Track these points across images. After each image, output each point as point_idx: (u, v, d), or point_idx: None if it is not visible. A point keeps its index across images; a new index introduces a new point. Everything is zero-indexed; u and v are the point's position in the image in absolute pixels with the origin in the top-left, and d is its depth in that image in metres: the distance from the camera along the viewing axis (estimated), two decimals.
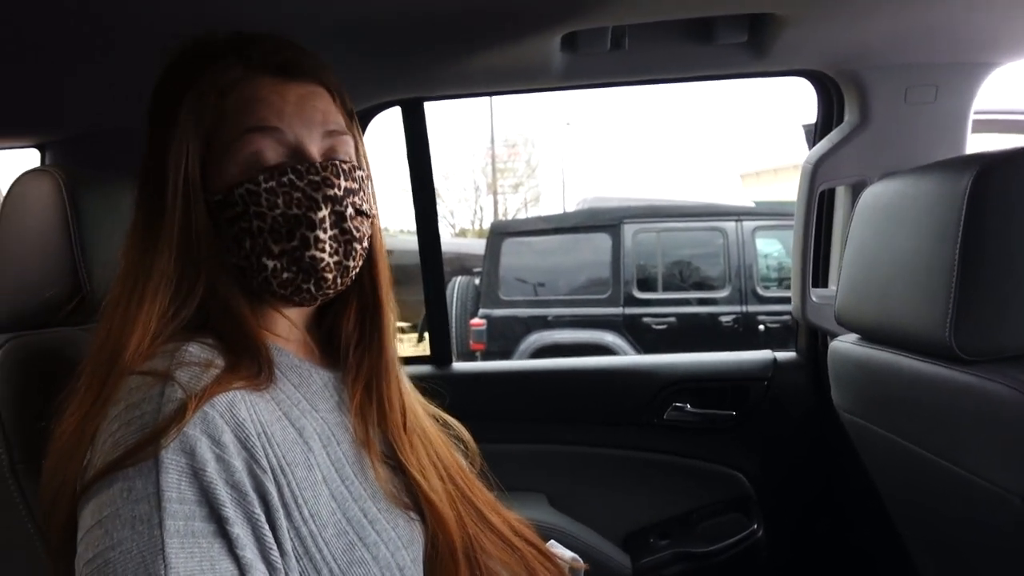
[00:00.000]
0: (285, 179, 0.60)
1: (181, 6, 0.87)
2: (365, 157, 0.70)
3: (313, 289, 0.63)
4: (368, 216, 0.66)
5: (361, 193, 0.64)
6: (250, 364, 0.58)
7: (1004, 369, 0.79)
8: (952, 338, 0.82)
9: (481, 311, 4.91)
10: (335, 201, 0.61)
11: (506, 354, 4.75)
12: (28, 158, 1.43)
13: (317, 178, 0.60)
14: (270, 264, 0.61)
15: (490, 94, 1.41)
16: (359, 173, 0.65)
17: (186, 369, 0.53)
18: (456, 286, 5.52)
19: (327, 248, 0.61)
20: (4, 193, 1.27)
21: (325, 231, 0.61)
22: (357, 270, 0.66)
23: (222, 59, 0.62)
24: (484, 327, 4.83)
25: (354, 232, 0.63)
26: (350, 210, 0.62)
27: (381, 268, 0.72)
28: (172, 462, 0.49)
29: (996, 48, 1.19)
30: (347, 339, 0.72)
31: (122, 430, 0.50)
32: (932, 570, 1.13)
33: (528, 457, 1.52)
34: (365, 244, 0.66)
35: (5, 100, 1.19)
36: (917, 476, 0.99)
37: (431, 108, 1.47)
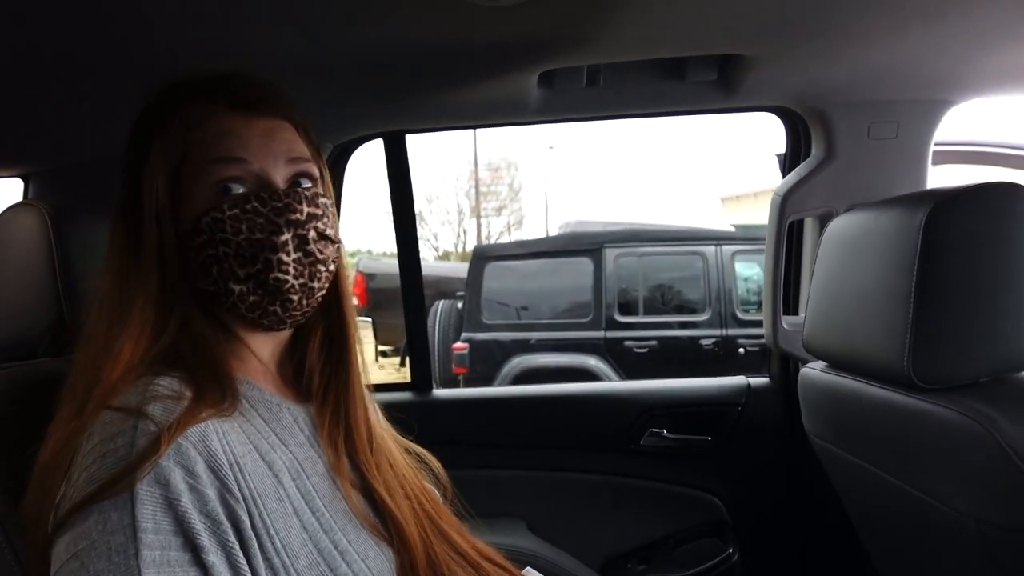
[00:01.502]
0: (249, 206, 0.62)
1: (164, 44, 0.89)
2: (329, 187, 0.73)
3: (280, 311, 0.64)
4: (332, 241, 0.68)
5: (324, 219, 0.66)
6: (215, 392, 0.60)
7: (958, 397, 0.83)
8: (910, 367, 0.85)
9: (464, 335, 4.90)
10: (297, 225, 0.63)
11: (488, 378, 4.74)
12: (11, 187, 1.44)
13: (280, 204, 0.63)
14: (237, 288, 0.63)
15: (469, 127, 1.45)
16: (322, 200, 0.67)
17: (158, 403, 0.55)
18: (439, 310, 5.51)
19: (291, 270, 0.63)
20: None
21: (288, 254, 0.63)
22: (323, 292, 0.68)
23: (192, 98, 0.65)
24: (467, 351, 4.83)
25: (317, 254, 0.65)
26: (312, 233, 0.64)
27: (345, 293, 0.75)
28: (147, 493, 0.50)
29: (954, 87, 1.25)
30: (312, 364, 0.74)
31: (96, 464, 0.51)
32: None
33: (507, 483, 1.53)
34: (331, 267, 0.68)
35: None
36: (882, 500, 1.02)
37: (415, 134, 1.50)
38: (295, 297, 0.64)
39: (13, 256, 0.80)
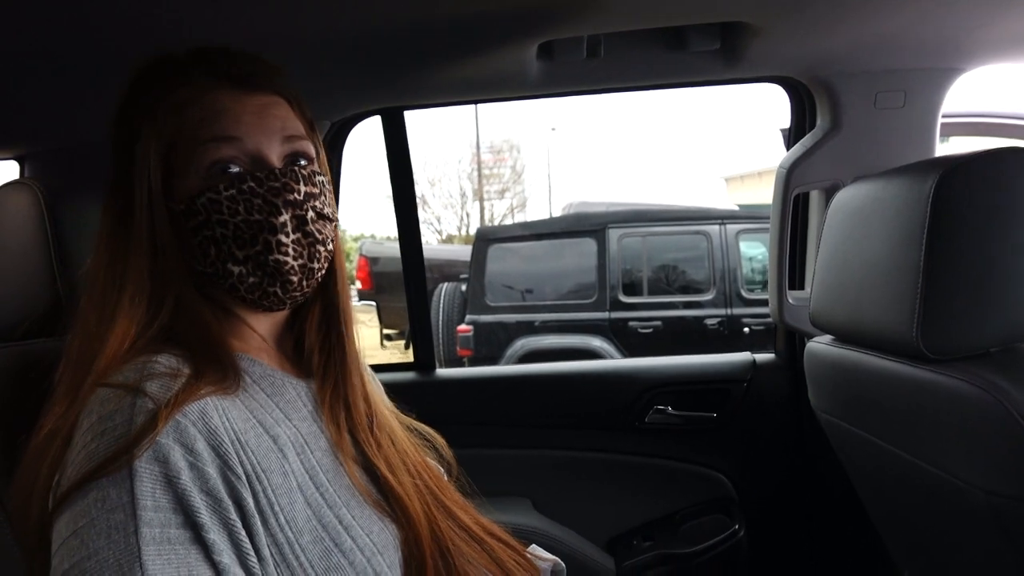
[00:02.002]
0: (245, 186, 0.61)
1: (157, 23, 0.87)
2: (325, 164, 0.72)
3: (280, 292, 0.64)
4: (330, 220, 0.67)
5: (322, 197, 0.65)
6: (215, 370, 0.59)
7: (968, 367, 0.81)
8: (919, 338, 0.83)
9: (468, 317, 4.91)
10: (295, 205, 0.62)
11: (493, 360, 4.76)
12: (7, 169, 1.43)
13: (277, 184, 0.61)
14: (235, 270, 0.62)
15: (468, 102, 1.43)
16: (319, 178, 0.66)
17: (156, 380, 0.54)
18: (443, 292, 5.52)
19: (290, 252, 0.62)
20: None
21: (287, 235, 0.62)
22: (323, 272, 0.68)
23: (182, 74, 0.63)
24: (471, 333, 4.84)
25: (316, 235, 0.64)
26: (311, 213, 0.63)
27: (340, 271, 0.74)
28: (146, 471, 0.49)
29: (962, 54, 1.22)
30: (311, 343, 0.73)
31: (95, 442, 0.51)
32: (909, 565, 1.15)
33: (512, 462, 1.53)
34: (329, 247, 0.67)
35: None
36: (890, 473, 1.01)
37: (417, 114, 1.49)
38: (295, 278, 0.63)
39: (6, 236, 0.79)
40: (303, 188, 0.63)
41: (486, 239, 5.06)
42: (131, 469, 0.49)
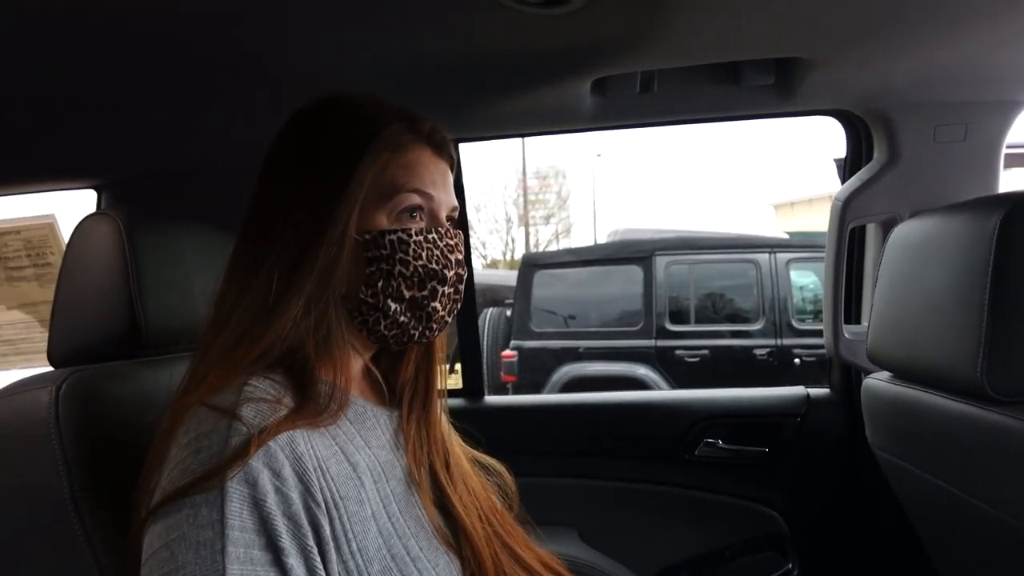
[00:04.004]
0: (431, 236, 0.68)
1: (231, 57, 0.92)
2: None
3: (417, 336, 0.70)
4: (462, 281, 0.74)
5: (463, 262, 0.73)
6: (316, 404, 0.61)
7: None
8: (984, 378, 0.81)
9: (512, 343, 4.92)
10: (460, 265, 0.70)
11: (537, 386, 4.74)
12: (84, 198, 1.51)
13: (452, 242, 0.70)
14: (393, 306, 0.67)
15: (522, 135, 1.45)
16: (462, 245, 0.74)
17: (252, 405, 0.56)
18: (488, 318, 5.54)
19: (445, 304, 0.70)
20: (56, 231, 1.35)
21: (446, 287, 0.69)
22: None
23: (393, 124, 0.68)
24: (515, 359, 4.83)
25: (457, 295, 0.71)
26: (462, 273, 0.71)
27: None
28: (236, 491, 0.52)
29: None
30: (404, 380, 0.78)
31: (190, 458, 0.53)
32: None
33: (559, 491, 1.52)
34: (459, 304, 0.74)
35: (69, 145, 1.26)
36: (953, 516, 0.98)
37: (468, 143, 1.51)
38: (435, 328, 0.70)
39: (89, 263, 0.84)
40: (460, 253, 0.71)
41: (532, 265, 5.08)
42: (223, 490, 0.51)
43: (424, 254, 0.67)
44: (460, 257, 0.71)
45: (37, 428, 0.72)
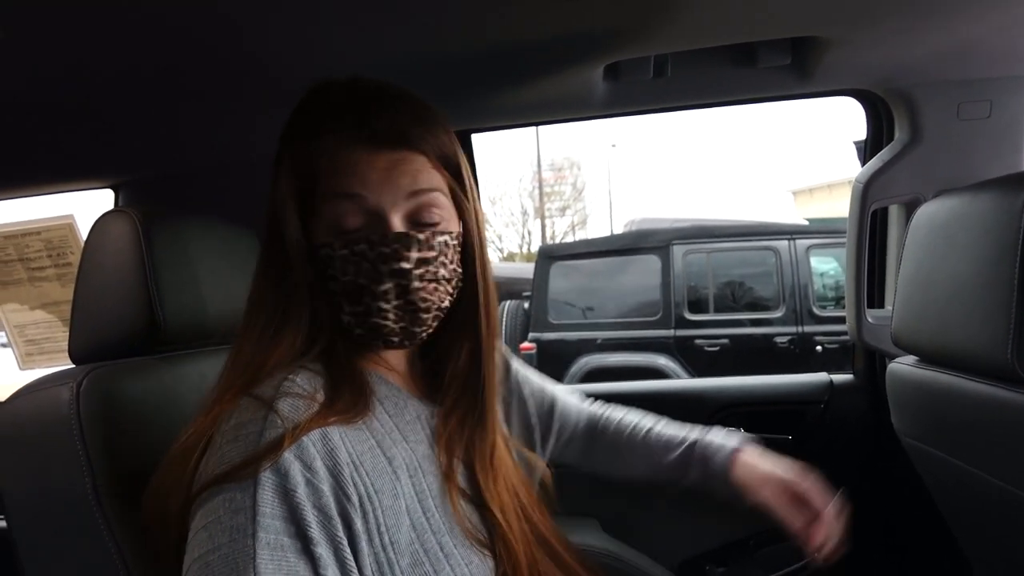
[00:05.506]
0: (359, 248, 0.63)
1: (237, 56, 0.92)
2: (471, 190, 0.72)
3: (382, 344, 0.67)
4: (448, 280, 0.68)
5: (440, 259, 0.66)
6: (348, 400, 0.62)
7: None
8: (1014, 360, 0.79)
9: (531, 335, 4.91)
10: (400, 275, 0.63)
11: (557, 378, 4.67)
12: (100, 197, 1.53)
13: (387, 250, 0.63)
14: (345, 319, 0.66)
15: (535, 124, 1.44)
16: (440, 239, 0.66)
17: (289, 400, 0.58)
18: (506, 310, 5.54)
19: (391, 316, 0.65)
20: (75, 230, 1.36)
21: (388, 301, 0.64)
22: (430, 331, 0.69)
23: (323, 123, 0.65)
24: (534, 351, 4.83)
25: (419, 303, 0.65)
26: (416, 283, 0.64)
27: (492, 313, 0.74)
28: (268, 480, 0.53)
29: None
30: (453, 376, 0.74)
31: (228, 445, 0.55)
32: None
33: (579, 481, 1.51)
34: (442, 307, 0.68)
35: (88, 145, 1.28)
36: (982, 501, 0.96)
37: (478, 134, 1.51)
38: (395, 339, 0.66)
39: (107, 260, 0.84)
40: (414, 255, 0.63)
41: (549, 257, 5.06)
42: (256, 479, 0.53)
43: (351, 268, 0.63)
44: (406, 265, 0.62)
45: (59, 424, 0.73)
